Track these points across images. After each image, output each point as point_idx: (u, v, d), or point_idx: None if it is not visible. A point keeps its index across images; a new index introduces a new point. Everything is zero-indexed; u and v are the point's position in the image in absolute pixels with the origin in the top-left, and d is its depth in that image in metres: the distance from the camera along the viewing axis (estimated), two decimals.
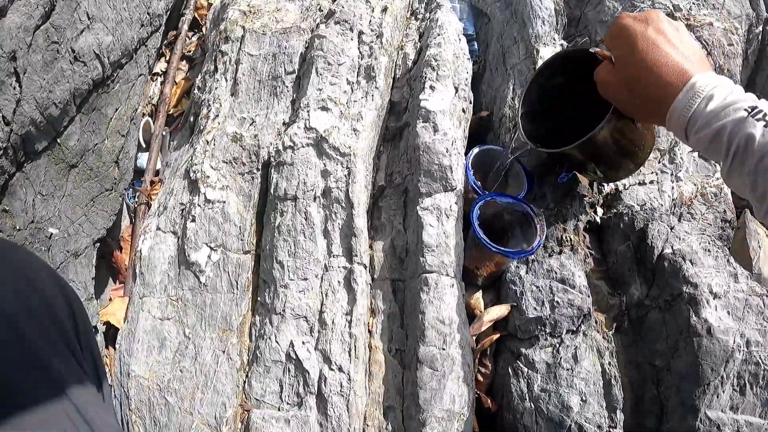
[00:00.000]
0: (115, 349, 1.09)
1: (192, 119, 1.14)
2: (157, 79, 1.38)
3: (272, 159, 0.93)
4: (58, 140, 1.16)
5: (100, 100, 1.25)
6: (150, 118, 1.33)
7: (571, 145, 0.83)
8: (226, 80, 1.07)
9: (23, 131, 1.02)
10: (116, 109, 1.28)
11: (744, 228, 1.15)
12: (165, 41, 1.41)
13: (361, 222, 0.86)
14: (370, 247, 0.90)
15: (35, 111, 1.05)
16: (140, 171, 1.32)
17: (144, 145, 1.32)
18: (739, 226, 1.23)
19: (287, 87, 1.01)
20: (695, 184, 1.17)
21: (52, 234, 1.17)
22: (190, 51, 1.42)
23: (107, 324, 1.29)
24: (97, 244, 1.27)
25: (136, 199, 1.27)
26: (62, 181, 1.20)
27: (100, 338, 1.26)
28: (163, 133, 1.30)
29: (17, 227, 1.09)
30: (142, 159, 1.31)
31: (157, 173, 1.28)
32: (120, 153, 1.29)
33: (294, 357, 0.87)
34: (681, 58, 0.62)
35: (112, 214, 1.28)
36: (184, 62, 1.40)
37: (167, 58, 1.39)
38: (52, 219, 1.17)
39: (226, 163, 0.97)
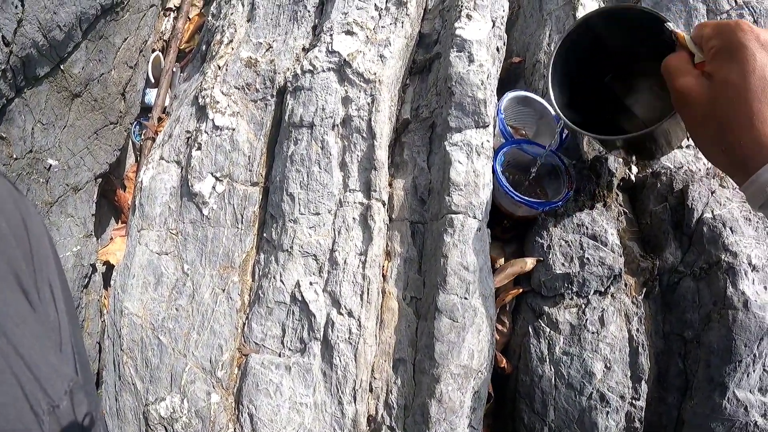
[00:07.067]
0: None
1: (204, 48, 1.00)
2: (170, 14, 1.24)
3: (289, 84, 0.80)
4: (62, 66, 1.03)
5: (108, 28, 1.11)
6: (161, 54, 1.20)
7: (621, 136, 0.69)
8: (243, 5, 0.93)
9: (24, 53, 0.90)
10: (125, 39, 1.15)
11: None
12: None
13: (382, 155, 0.73)
14: (390, 185, 0.78)
15: (38, 33, 0.93)
16: (147, 108, 1.18)
17: (153, 81, 1.19)
18: None
19: (309, 12, 0.88)
20: None
21: (51, 165, 1.05)
22: None
23: (106, 264, 1.17)
24: (99, 180, 1.14)
25: (143, 136, 1.14)
26: (64, 111, 1.07)
27: (98, 278, 1.14)
28: (174, 69, 1.17)
29: (14, 156, 0.97)
30: (150, 95, 1.18)
31: (165, 110, 1.15)
32: (127, 85, 1.16)
33: (300, 299, 0.75)
34: None
35: (116, 149, 1.15)
36: None
37: None
38: (51, 150, 1.05)
39: (238, 89, 0.84)
